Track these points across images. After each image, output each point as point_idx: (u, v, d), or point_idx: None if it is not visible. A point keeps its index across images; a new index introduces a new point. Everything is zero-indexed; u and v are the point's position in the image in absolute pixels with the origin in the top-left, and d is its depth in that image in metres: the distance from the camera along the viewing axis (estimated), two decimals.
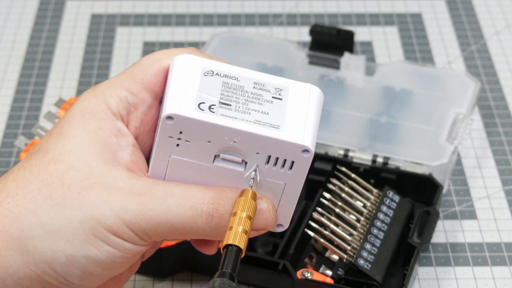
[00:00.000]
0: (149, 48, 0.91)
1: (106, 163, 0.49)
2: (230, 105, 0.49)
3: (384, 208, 0.66)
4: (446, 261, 0.69)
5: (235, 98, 0.49)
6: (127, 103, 0.51)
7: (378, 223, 0.65)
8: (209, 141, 0.49)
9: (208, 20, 0.95)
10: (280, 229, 0.53)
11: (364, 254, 0.63)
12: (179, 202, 0.49)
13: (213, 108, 0.49)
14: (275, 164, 0.50)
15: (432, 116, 0.76)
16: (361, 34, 0.93)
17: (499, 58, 0.90)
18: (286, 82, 0.51)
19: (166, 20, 0.95)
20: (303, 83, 0.51)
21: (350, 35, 0.80)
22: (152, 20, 0.95)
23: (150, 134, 0.52)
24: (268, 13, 0.96)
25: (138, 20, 0.95)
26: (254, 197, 0.50)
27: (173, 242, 0.64)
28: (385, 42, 0.92)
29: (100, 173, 0.49)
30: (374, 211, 0.66)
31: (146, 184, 0.49)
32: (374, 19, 0.95)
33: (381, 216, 0.66)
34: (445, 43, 0.92)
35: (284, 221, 0.53)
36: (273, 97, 0.50)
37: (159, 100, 0.52)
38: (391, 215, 0.66)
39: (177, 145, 0.49)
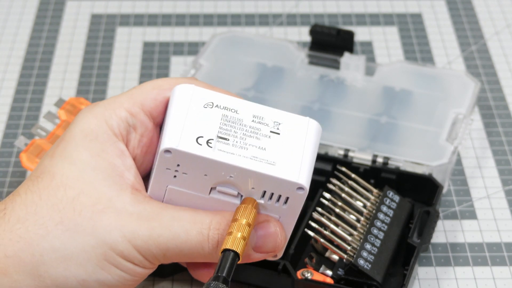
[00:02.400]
0: (149, 48, 0.91)
1: (114, 188, 0.50)
2: (228, 140, 0.50)
3: (384, 208, 0.66)
4: (446, 261, 0.69)
5: (233, 132, 0.50)
6: (127, 124, 0.52)
7: (378, 223, 0.65)
8: (205, 175, 0.50)
9: (208, 20, 0.95)
10: (274, 258, 0.54)
11: (364, 254, 0.63)
12: (187, 228, 0.50)
13: (211, 143, 0.49)
14: (270, 198, 0.50)
15: (432, 116, 0.76)
16: (361, 34, 0.93)
17: (499, 58, 0.90)
18: (285, 115, 0.51)
19: (166, 20, 0.95)
20: (302, 117, 0.51)
21: (350, 35, 0.80)
22: (152, 20, 0.95)
23: (147, 156, 0.53)
24: (268, 13, 0.96)
25: (138, 20, 0.95)
26: (255, 205, 0.50)
27: None
28: (385, 42, 0.92)
29: (109, 198, 0.49)
30: (374, 211, 0.66)
31: (154, 209, 0.50)
32: (374, 19, 0.95)
33: (381, 216, 0.66)
34: (445, 43, 0.92)
35: (279, 252, 0.54)
36: (271, 131, 0.51)
37: (157, 124, 0.53)
38: (391, 215, 0.66)
39: (174, 176, 0.50)
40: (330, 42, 0.80)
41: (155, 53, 0.91)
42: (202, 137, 0.49)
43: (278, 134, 0.50)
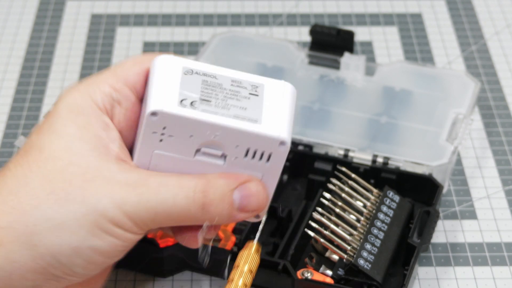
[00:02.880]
0: (149, 48, 0.91)
1: (101, 157, 0.51)
2: (210, 101, 0.51)
3: (384, 208, 0.66)
4: (446, 261, 0.69)
5: (215, 95, 0.52)
6: (111, 98, 0.53)
7: (378, 223, 0.65)
8: (191, 136, 0.51)
9: (208, 20, 0.95)
10: (256, 220, 0.55)
11: (364, 254, 0.63)
12: (174, 192, 0.51)
13: (194, 104, 0.51)
14: (253, 156, 0.52)
15: (432, 116, 0.76)
16: (361, 34, 0.93)
17: (499, 58, 0.90)
18: (262, 79, 0.53)
19: (166, 20, 0.95)
20: (278, 80, 0.54)
21: (350, 35, 0.80)
22: (152, 20, 0.95)
23: (132, 130, 0.54)
24: (268, 13, 0.96)
25: (138, 20, 0.95)
26: (258, 250, 0.53)
27: (173, 242, 0.64)
28: (385, 42, 0.92)
29: (97, 167, 0.51)
30: (374, 211, 0.66)
31: (141, 176, 0.52)
32: (374, 19, 0.95)
33: (381, 216, 0.66)
34: (445, 43, 0.92)
35: (262, 211, 0.55)
36: (250, 93, 0.53)
37: (141, 98, 0.54)
38: (391, 215, 0.66)
39: (160, 140, 0.52)
40: (330, 42, 0.80)
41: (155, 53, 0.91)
42: (185, 99, 0.51)
43: (257, 95, 0.53)
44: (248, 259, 0.53)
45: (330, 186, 0.67)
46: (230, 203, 0.52)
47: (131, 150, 0.55)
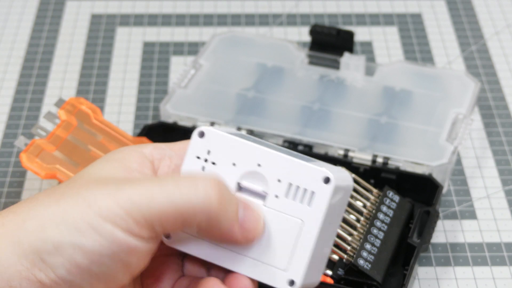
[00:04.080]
0: (149, 48, 0.91)
1: (116, 172, 0.49)
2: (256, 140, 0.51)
3: (384, 208, 0.66)
4: (446, 261, 0.69)
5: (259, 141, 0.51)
6: (163, 152, 0.52)
7: (378, 223, 0.65)
8: (234, 164, 0.50)
9: (208, 20, 0.95)
10: (292, 287, 0.49)
11: (364, 254, 0.63)
12: (176, 179, 0.47)
13: (241, 135, 0.50)
14: (294, 197, 0.49)
15: (432, 116, 0.76)
16: (361, 34, 0.93)
17: (499, 58, 0.90)
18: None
19: (166, 20, 0.95)
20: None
21: (350, 35, 0.80)
22: (152, 20, 0.95)
23: None
24: (268, 13, 0.96)
25: (138, 20, 0.95)
26: None
27: None
28: (385, 42, 0.92)
29: (105, 177, 0.48)
30: (374, 211, 0.66)
31: (147, 176, 0.49)
32: (374, 19, 0.95)
33: (381, 216, 0.66)
34: (445, 43, 0.92)
35: (296, 275, 0.49)
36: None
37: None
38: (391, 215, 0.66)
39: (203, 168, 0.50)
40: (330, 42, 0.80)
41: (155, 53, 0.91)
42: (232, 133, 0.50)
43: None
44: None
45: None
46: (235, 211, 0.49)
47: None
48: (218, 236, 0.49)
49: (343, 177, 0.50)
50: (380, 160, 0.72)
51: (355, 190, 0.67)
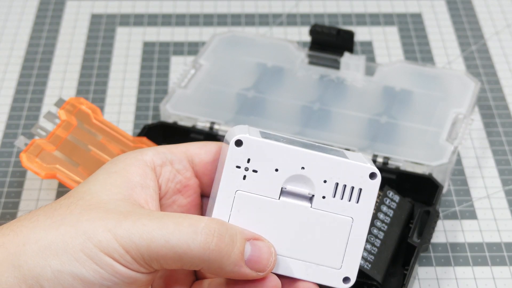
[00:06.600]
0: (149, 48, 0.91)
1: (117, 197, 0.49)
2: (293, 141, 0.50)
3: (384, 208, 0.66)
4: (446, 261, 0.69)
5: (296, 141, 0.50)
6: (164, 157, 0.51)
7: (378, 223, 0.65)
8: (276, 169, 0.49)
9: (208, 20, 0.95)
10: (347, 284, 0.50)
11: (364, 254, 0.63)
12: (178, 220, 0.47)
13: (278, 139, 0.49)
14: (342, 196, 0.49)
15: (432, 116, 0.76)
16: (361, 34, 0.93)
17: (499, 58, 0.90)
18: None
19: (166, 20, 0.95)
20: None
21: (350, 35, 0.80)
22: (152, 20, 0.95)
23: (179, 195, 0.52)
24: (268, 13, 0.96)
25: (138, 20, 0.95)
26: None
27: None
28: (385, 42, 0.92)
29: (106, 201, 0.48)
30: (374, 211, 0.66)
31: (149, 211, 0.48)
32: (374, 19, 0.95)
33: (381, 216, 0.66)
34: (445, 43, 0.92)
35: (351, 272, 0.50)
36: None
37: (196, 171, 0.52)
38: (391, 215, 0.66)
39: (244, 177, 0.49)
40: (330, 42, 0.80)
41: (155, 53, 0.91)
42: (268, 138, 0.49)
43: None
44: None
45: None
46: (241, 251, 0.48)
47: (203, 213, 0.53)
48: (223, 276, 0.49)
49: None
50: (380, 160, 0.72)
51: None
